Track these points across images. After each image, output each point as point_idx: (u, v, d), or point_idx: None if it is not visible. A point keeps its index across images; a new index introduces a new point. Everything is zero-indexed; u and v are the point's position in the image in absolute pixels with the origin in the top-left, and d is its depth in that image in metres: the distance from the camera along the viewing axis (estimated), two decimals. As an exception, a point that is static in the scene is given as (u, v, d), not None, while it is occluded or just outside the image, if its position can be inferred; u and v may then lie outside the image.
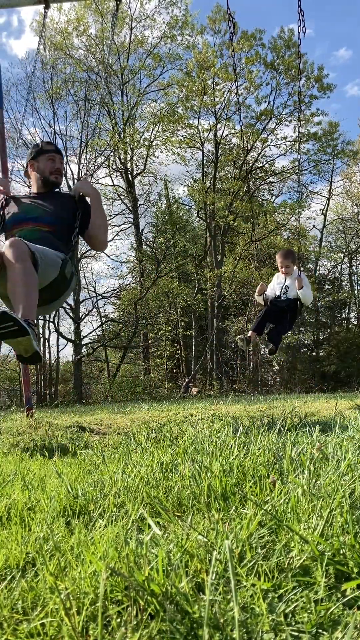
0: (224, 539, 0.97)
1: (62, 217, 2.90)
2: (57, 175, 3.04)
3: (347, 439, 1.76)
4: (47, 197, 2.99)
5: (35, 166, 3.02)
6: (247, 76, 19.12)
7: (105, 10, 18.11)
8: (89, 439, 3.42)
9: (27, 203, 2.95)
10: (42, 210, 2.88)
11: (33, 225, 2.82)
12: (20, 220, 2.86)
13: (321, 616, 0.77)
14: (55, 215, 2.89)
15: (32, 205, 2.93)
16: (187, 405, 6.12)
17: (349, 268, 25.46)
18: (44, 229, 2.81)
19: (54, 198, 3.00)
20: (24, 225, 2.83)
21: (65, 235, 2.88)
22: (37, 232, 2.77)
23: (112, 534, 1.06)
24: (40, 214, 2.86)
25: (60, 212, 2.91)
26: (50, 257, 2.58)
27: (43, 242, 2.67)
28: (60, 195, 3.07)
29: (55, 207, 2.92)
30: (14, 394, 21.12)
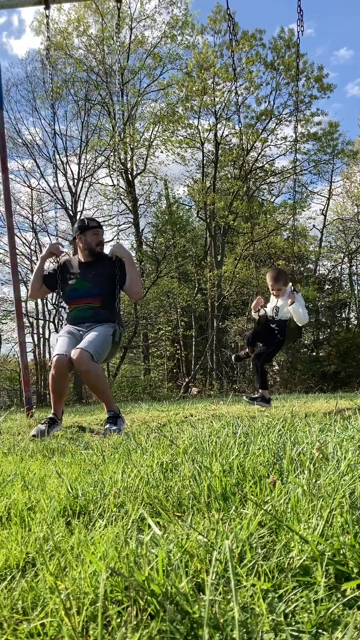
0: (224, 539, 0.97)
1: (106, 286, 3.64)
2: (100, 247, 3.75)
3: (347, 439, 1.76)
4: (92, 267, 3.69)
5: (82, 239, 3.72)
6: (247, 76, 19.12)
7: (105, 10, 18.11)
8: (89, 439, 3.42)
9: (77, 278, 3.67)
10: (90, 284, 3.63)
11: (85, 302, 3.61)
12: (74, 298, 3.65)
13: (321, 616, 0.77)
14: (101, 286, 3.63)
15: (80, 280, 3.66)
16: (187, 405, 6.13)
17: (349, 268, 25.47)
18: (95, 305, 3.60)
19: (98, 266, 3.69)
20: (79, 302, 3.63)
21: (111, 302, 3.68)
22: (89, 311, 3.59)
23: (112, 534, 1.06)
24: (88, 288, 3.62)
25: (104, 281, 3.64)
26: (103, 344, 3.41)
27: (95, 318, 3.56)
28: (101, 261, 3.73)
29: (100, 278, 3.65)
30: (14, 394, 21.13)
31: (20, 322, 4.65)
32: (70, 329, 3.60)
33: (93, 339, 3.34)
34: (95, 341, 3.33)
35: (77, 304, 3.64)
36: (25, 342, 4.75)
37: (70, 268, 3.75)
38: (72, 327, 3.61)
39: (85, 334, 3.49)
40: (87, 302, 3.60)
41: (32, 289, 3.81)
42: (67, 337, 3.50)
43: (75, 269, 3.73)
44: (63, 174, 20.49)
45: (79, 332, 3.56)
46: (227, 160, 21.04)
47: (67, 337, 3.49)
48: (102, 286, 3.63)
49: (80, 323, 3.59)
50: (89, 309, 3.59)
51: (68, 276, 3.70)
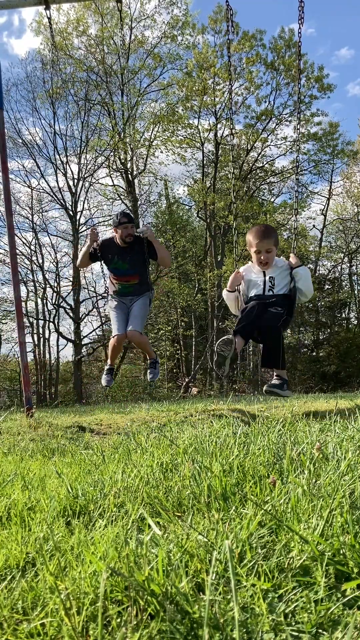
0: (224, 539, 0.97)
1: (140, 265, 4.70)
2: (130, 238, 4.65)
3: (347, 439, 1.76)
4: (127, 251, 4.67)
5: (117, 231, 4.68)
6: (247, 76, 19.11)
7: (105, 10, 18.11)
8: (89, 439, 3.42)
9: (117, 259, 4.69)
10: (128, 265, 4.68)
11: (127, 278, 4.71)
12: (118, 275, 4.73)
13: (321, 616, 0.77)
14: (136, 267, 4.69)
15: (120, 262, 4.69)
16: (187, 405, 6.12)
17: (349, 268, 25.47)
18: (134, 282, 4.73)
19: (131, 250, 4.67)
20: (122, 279, 4.73)
21: (146, 278, 4.82)
22: (131, 287, 4.75)
23: (112, 534, 1.06)
24: (127, 269, 4.69)
25: (139, 262, 4.68)
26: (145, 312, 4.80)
27: (136, 291, 4.76)
28: (134, 246, 4.67)
29: (134, 260, 4.67)
30: (14, 394, 21.12)
31: (20, 322, 4.64)
32: (118, 302, 4.78)
33: (138, 315, 4.64)
34: (139, 316, 4.64)
35: (121, 280, 4.75)
36: (25, 342, 4.75)
37: (110, 248, 4.74)
38: (119, 299, 4.79)
39: (131, 305, 4.73)
40: (127, 279, 4.72)
41: (81, 260, 4.82)
42: (117, 312, 4.70)
43: (114, 251, 4.72)
44: (63, 174, 20.52)
45: (124, 304, 4.78)
46: (227, 160, 21.03)
47: (118, 313, 4.70)
48: (137, 266, 4.71)
49: (125, 295, 4.78)
50: (130, 286, 4.75)
51: (110, 255, 4.71)
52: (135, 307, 4.76)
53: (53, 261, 22.49)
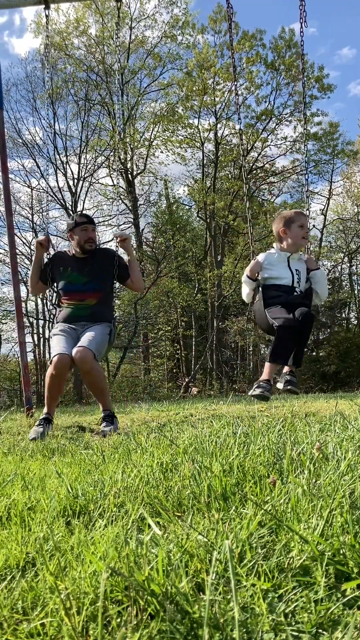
0: (224, 539, 0.97)
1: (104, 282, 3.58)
2: (90, 244, 3.62)
3: (347, 439, 1.76)
4: (87, 262, 3.59)
5: (73, 236, 3.65)
6: (247, 76, 19.11)
7: (106, 9, 18.10)
8: (89, 439, 3.42)
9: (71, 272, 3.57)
10: (87, 278, 3.54)
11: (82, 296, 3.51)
12: (71, 291, 3.54)
13: (321, 616, 0.77)
14: (97, 282, 3.54)
15: (74, 274, 3.57)
16: (187, 405, 6.13)
17: (349, 268, 25.46)
18: (91, 303, 3.51)
19: (94, 261, 3.61)
20: (75, 297, 3.52)
21: (108, 300, 3.64)
22: (85, 309, 3.49)
23: (112, 534, 1.06)
24: (85, 284, 3.53)
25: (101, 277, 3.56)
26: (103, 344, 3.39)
27: (92, 317, 3.47)
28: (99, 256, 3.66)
29: (96, 273, 3.56)
30: (14, 394, 21.12)
31: (20, 322, 4.65)
32: (65, 327, 3.47)
33: (93, 338, 3.31)
34: (95, 340, 3.30)
35: (73, 300, 3.53)
36: (25, 342, 4.75)
37: (62, 261, 3.66)
38: (66, 325, 3.49)
39: (82, 333, 3.42)
40: (82, 297, 3.53)
41: (30, 285, 3.80)
42: (63, 335, 3.40)
43: (68, 262, 3.64)
44: (63, 174, 20.51)
45: (74, 330, 3.47)
46: (227, 160, 21.03)
47: (64, 336, 3.40)
48: (99, 281, 3.57)
49: (75, 322, 3.49)
50: (86, 307, 3.51)
51: (61, 269, 3.61)
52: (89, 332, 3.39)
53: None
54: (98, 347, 3.29)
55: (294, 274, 3.20)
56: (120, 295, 21.55)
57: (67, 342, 3.36)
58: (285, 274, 3.21)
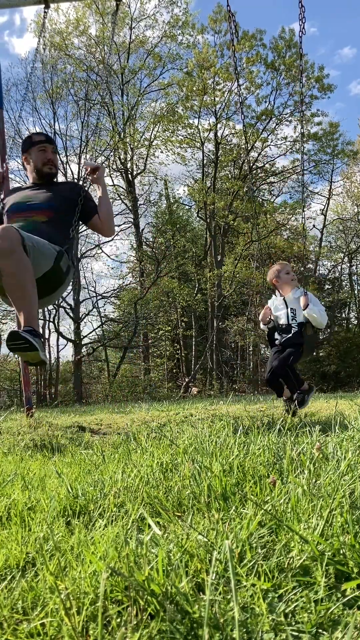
0: (224, 538, 0.97)
1: (61, 204, 2.86)
2: (50, 166, 2.99)
3: (347, 439, 1.76)
4: (45, 187, 2.96)
5: (28, 159, 3.01)
6: (247, 76, 19.11)
7: (107, 9, 18.10)
8: (89, 439, 3.42)
9: (25, 193, 2.92)
10: (41, 197, 2.86)
11: (30, 213, 2.77)
12: (18, 210, 2.82)
13: (321, 616, 0.77)
14: (54, 201, 2.85)
15: (29, 193, 2.90)
16: (187, 405, 6.13)
17: (349, 268, 25.46)
18: (40, 220, 2.75)
19: (54, 187, 2.98)
20: (22, 214, 2.78)
21: (64, 224, 2.83)
22: (32, 224, 2.71)
23: (112, 534, 1.06)
24: (39, 200, 2.84)
25: (60, 200, 2.88)
26: (43, 247, 2.53)
27: (38, 233, 2.60)
28: (60, 185, 3.06)
29: (54, 195, 2.89)
30: (14, 394, 21.12)
31: (20, 322, 4.63)
32: None
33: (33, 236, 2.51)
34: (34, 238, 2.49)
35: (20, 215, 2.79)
36: (25, 342, 4.73)
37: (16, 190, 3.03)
38: None
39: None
40: (32, 213, 2.78)
41: None
42: None
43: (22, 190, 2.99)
44: (63, 174, 20.50)
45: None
46: (227, 160, 21.04)
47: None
48: (54, 202, 2.86)
49: None
50: (33, 222, 2.72)
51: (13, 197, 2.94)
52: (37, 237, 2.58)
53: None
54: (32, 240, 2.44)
55: (289, 312, 3.93)
56: (120, 295, 21.58)
57: None
58: (283, 314, 3.95)
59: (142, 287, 20.30)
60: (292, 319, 3.90)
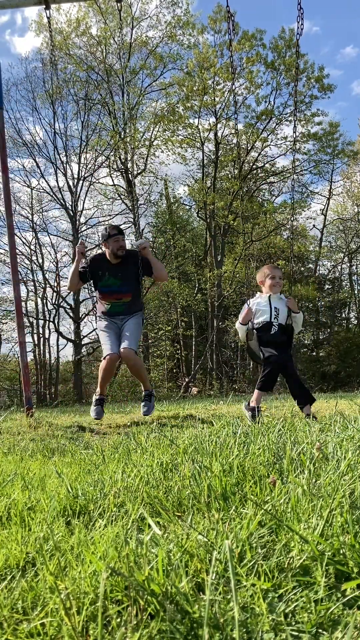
0: (224, 538, 0.97)
1: (133, 283, 4.33)
2: (121, 251, 4.27)
3: (347, 439, 1.76)
4: (120, 267, 4.29)
5: (108, 246, 4.29)
6: (247, 76, 19.10)
7: (107, 9, 18.09)
8: (89, 439, 3.42)
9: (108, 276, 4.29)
10: (120, 282, 4.29)
11: (119, 296, 4.29)
12: (109, 293, 4.31)
13: (321, 616, 0.77)
14: (129, 284, 4.31)
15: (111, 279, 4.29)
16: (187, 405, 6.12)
17: (349, 268, 25.46)
18: (126, 300, 4.31)
19: (124, 266, 4.30)
20: (114, 297, 4.29)
21: (138, 295, 4.44)
22: (123, 306, 4.30)
23: (112, 534, 1.06)
24: (120, 286, 4.29)
25: (131, 279, 4.31)
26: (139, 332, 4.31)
27: (129, 311, 4.30)
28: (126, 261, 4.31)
29: (127, 276, 4.30)
30: (14, 394, 21.13)
31: (20, 322, 4.65)
32: (108, 322, 4.34)
33: (131, 334, 4.17)
34: (133, 335, 4.17)
35: (111, 298, 4.32)
36: (25, 342, 4.75)
37: (100, 266, 4.35)
38: (109, 319, 4.34)
39: (123, 325, 4.30)
40: (119, 297, 4.32)
41: (71, 283, 4.41)
42: (109, 332, 4.26)
43: (105, 268, 4.34)
44: (63, 174, 20.51)
45: (115, 324, 4.35)
46: (227, 160, 21.03)
47: (109, 333, 4.25)
48: (130, 283, 4.33)
49: (116, 315, 4.34)
50: (123, 304, 4.32)
51: (100, 273, 4.32)
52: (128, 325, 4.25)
53: (53, 261, 22.47)
54: (136, 341, 4.21)
55: (272, 311, 4.04)
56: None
57: (112, 339, 4.20)
58: (267, 311, 4.06)
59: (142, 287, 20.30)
60: (275, 317, 4.02)
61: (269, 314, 4.02)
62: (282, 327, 4.01)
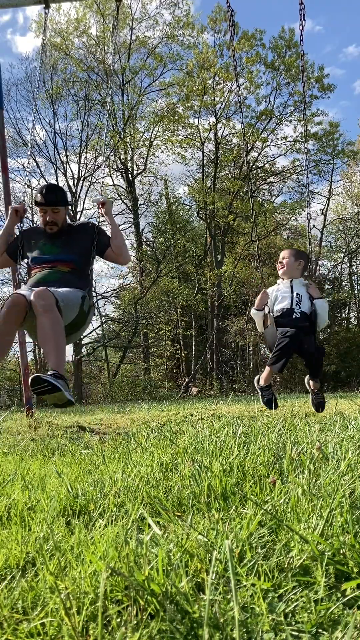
0: (224, 538, 0.97)
1: (81, 256, 3.14)
2: (51, 227, 3.17)
3: (347, 439, 1.76)
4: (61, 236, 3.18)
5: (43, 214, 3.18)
6: (247, 76, 19.10)
7: (107, 9, 18.09)
8: (89, 439, 3.42)
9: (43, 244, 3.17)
10: (59, 249, 3.13)
11: (53, 265, 3.06)
12: (40, 261, 3.10)
13: (321, 616, 0.77)
14: (73, 252, 3.12)
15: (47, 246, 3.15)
16: (187, 405, 6.12)
17: (349, 268, 25.45)
18: (64, 270, 3.06)
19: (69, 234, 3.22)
20: (45, 266, 3.06)
21: (84, 270, 3.16)
22: (56, 274, 3.02)
23: (112, 534, 1.06)
24: (58, 253, 3.11)
25: (77, 247, 3.15)
26: (71, 300, 2.86)
27: (63, 282, 2.95)
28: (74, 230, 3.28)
29: (73, 243, 3.17)
30: (14, 394, 21.12)
31: (20, 322, 4.64)
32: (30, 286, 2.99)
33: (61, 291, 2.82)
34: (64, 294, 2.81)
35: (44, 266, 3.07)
36: (26, 342, 4.75)
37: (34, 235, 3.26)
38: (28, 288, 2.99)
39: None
40: (54, 265, 3.07)
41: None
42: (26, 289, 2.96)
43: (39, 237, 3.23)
44: (63, 174, 20.50)
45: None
46: (228, 160, 21.03)
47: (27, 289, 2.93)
48: (74, 252, 3.13)
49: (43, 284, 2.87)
50: (56, 272, 3.03)
51: (32, 242, 3.20)
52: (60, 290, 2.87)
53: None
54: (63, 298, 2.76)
55: (294, 297, 3.60)
56: (120, 295, 21.57)
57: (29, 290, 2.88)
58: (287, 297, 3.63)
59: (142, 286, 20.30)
60: (297, 304, 3.58)
61: (290, 300, 3.59)
62: (305, 315, 3.56)
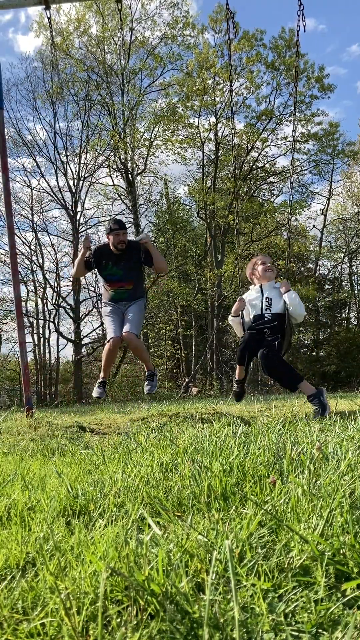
0: (224, 538, 0.97)
1: (135, 272, 4.67)
2: (122, 245, 4.58)
3: (347, 439, 1.76)
4: (122, 258, 4.61)
5: (110, 238, 4.60)
6: (247, 76, 19.09)
7: (107, 10, 18.09)
8: (89, 439, 3.42)
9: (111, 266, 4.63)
10: (122, 272, 4.63)
11: (120, 285, 4.66)
12: (112, 281, 4.68)
13: (321, 616, 0.77)
14: (131, 274, 4.65)
15: (114, 268, 4.64)
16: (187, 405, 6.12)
17: (349, 268, 25.46)
18: (129, 288, 4.67)
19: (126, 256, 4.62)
20: (116, 285, 4.66)
21: (141, 284, 4.83)
22: (125, 293, 4.67)
23: (112, 534, 1.06)
24: (122, 275, 4.64)
25: (133, 268, 4.65)
26: (141, 317, 4.69)
27: (131, 297, 4.67)
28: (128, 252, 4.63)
29: (129, 266, 4.62)
30: (14, 394, 21.13)
31: (20, 322, 4.65)
32: (113, 308, 4.69)
33: (133, 318, 4.52)
34: (136, 320, 4.51)
35: (115, 286, 4.69)
36: (25, 342, 4.75)
37: (104, 255, 4.68)
38: (114, 305, 4.70)
39: (126, 310, 4.66)
40: (122, 285, 4.68)
41: (76, 271, 4.80)
42: (113, 317, 4.61)
43: (108, 257, 4.68)
44: (63, 174, 20.51)
45: (119, 309, 4.71)
46: (228, 160, 21.02)
47: (114, 318, 4.60)
48: (131, 273, 4.68)
49: (119, 301, 4.70)
50: (125, 291, 4.69)
51: (104, 262, 4.67)
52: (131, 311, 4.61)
53: (53, 261, 22.50)
54: (138, 326, 4.54)
55: (263, 301, 3.81)
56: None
57: (116, 324, 4.54)
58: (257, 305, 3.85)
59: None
60: (267, 309, 3.74)
61: (260, 306, 3.77)
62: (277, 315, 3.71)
